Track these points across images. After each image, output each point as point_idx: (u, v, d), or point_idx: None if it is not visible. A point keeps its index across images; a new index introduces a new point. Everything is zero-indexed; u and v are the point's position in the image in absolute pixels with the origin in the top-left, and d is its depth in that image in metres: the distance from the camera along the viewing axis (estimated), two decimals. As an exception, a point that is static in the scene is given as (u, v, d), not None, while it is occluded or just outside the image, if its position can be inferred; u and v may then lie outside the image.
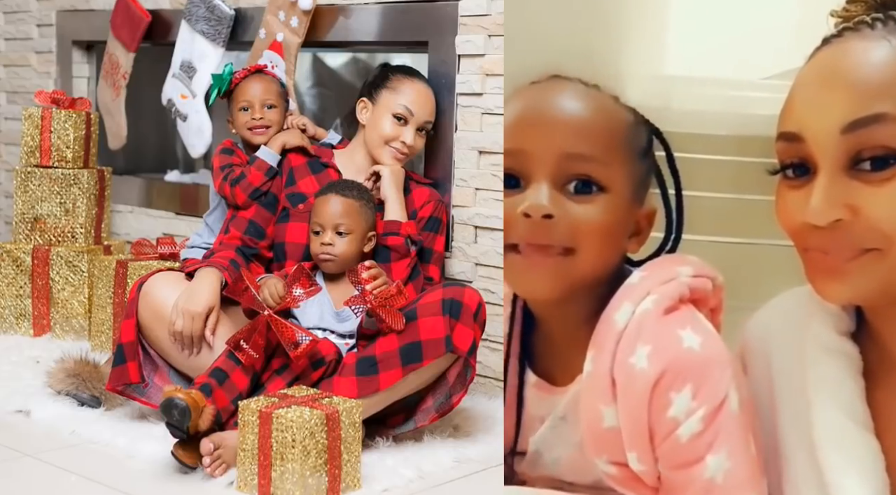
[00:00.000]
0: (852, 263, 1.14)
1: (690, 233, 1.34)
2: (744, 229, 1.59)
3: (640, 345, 1.19)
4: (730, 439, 1.18)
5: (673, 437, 1.18)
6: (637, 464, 1.23)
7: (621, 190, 1.23)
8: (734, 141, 1.55)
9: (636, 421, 1.19)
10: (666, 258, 1.32)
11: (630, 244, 1.29)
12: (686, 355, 1.18)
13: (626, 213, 1.25)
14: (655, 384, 1.18)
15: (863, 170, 1.11)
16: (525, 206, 1.19)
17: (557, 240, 1.20)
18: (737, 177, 1.69)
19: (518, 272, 1.24)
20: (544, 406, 1.35)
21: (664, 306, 1.21)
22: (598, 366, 1.22)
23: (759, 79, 1.79)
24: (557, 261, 1.20)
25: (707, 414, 1.17)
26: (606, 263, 1.26)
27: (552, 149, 1.19)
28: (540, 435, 1.36)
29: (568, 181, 1.20)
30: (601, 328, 1.23)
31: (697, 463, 1.18)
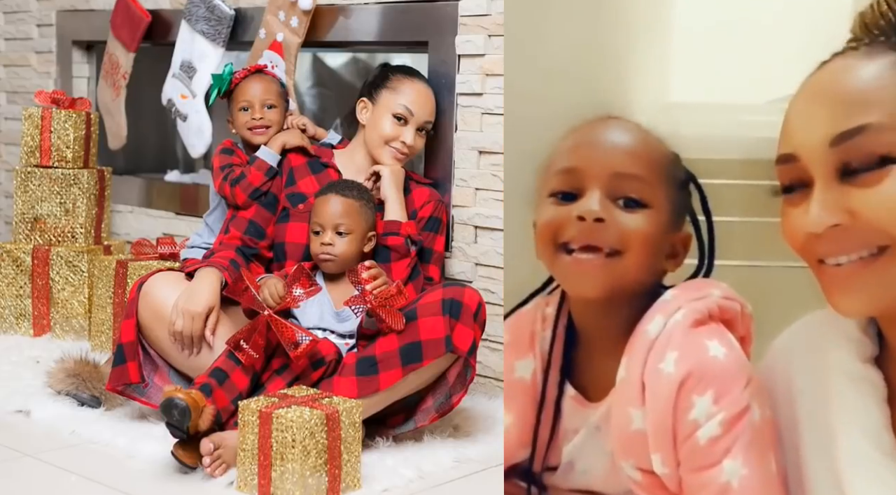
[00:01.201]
0: (866, 271, 1.16)
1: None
2: (755, 252, 1.61)
3: (668, 352, 1.27)
4: (749, 448, 1.23)
5: (693, 439, 1.24)
6: (661, 467, 1.27)
7: (662, 209, 1.36)
8: (742, 164, 1.57)
9: (661, 422, 1.26)
10: (698, 280, 1.43)
11: (668, 264, 1.41)
12: (711, 362, 1.26)
13: (665, 230, 1.38)
14: (680, 386, 1.25)
15: (854, 176, 1.15)
16: (580, 210, 1.34)
17: (606, 242, 1.33)
18: (747, 200, 1.72)
19: (569, 272, 1.36)
20: (579, 418, 1.43)
21: (693, 319, 1.30)
22: (631, 372, 1.30)
23: (764, 102, 1.80)
24: (606, 262, 1.33)
25: (726, 419, 1.23)
26: (648, 271, 1.37)
27: (605, 169, 1.35)
28: (574, 445, 1.43)
29: (617, 197, 1.34)
30: (635, 338, 1.32)
31: (714, 467, 1.23)
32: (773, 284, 1.46)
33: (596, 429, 1.41)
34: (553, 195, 1.38)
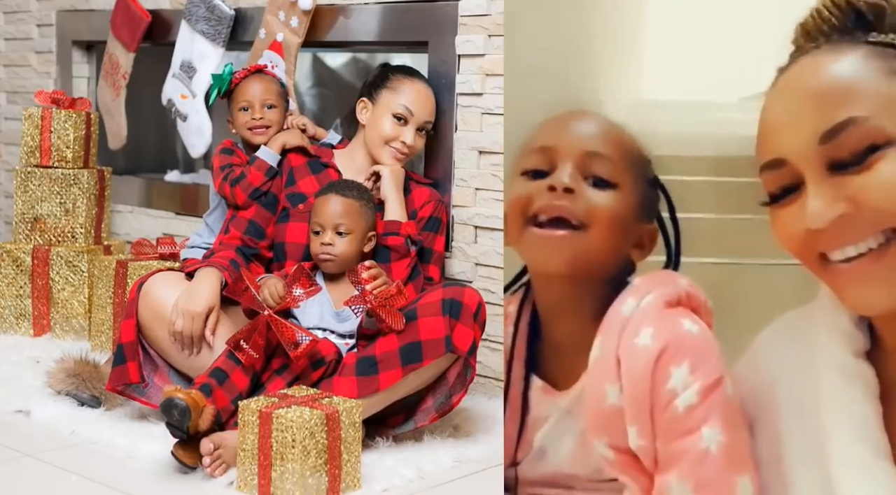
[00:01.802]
0: (879, 263, 1.15)
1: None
2: (728, 249, 1.62)
3: (643, 328, 1.30)
4: (725, 417, 1.26)
5: (671, 408, 1.26)
6: (637, 440, 1.29)
7: (629, 192, 1.41)
8: (714, 162, 1.59)
9: (638, 394, 1.28)
10: (664, 271, 1.47)
11: (634, 253, 1.45)
12: (686, 335, 1.30)
13: (631, 214, 1.42)
14: (657, 358, 1.28)
15: (847, 166, 1.16)
16: (550, 180, 1.39)
17: (574, 214, 1.37)
18: (718, 197, 1.74)
19: (536, 245, 1.40)
20: (548, 406, 1.45)
21: (664, 300, 1.33)
22: (605, 350, 1.33)
23: (736, 100, 1.81)
24: (572, 235, 1.37)
25: (703, 388, 1.26)
26: (612, 250, 1.41)
27: (577, 147, 1.41)
28: (545, 431, 1.45)
29: (587, 175, 1.40)
30: (608, 319, 1.35)
31: (693, 434, 1.25)
32: (744, 281, 1.47)
33: (567, 413, 1.43)
34: (525, 173, 1.43)
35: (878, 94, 1.16)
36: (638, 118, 1.53)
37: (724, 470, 1.24)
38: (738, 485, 1.24)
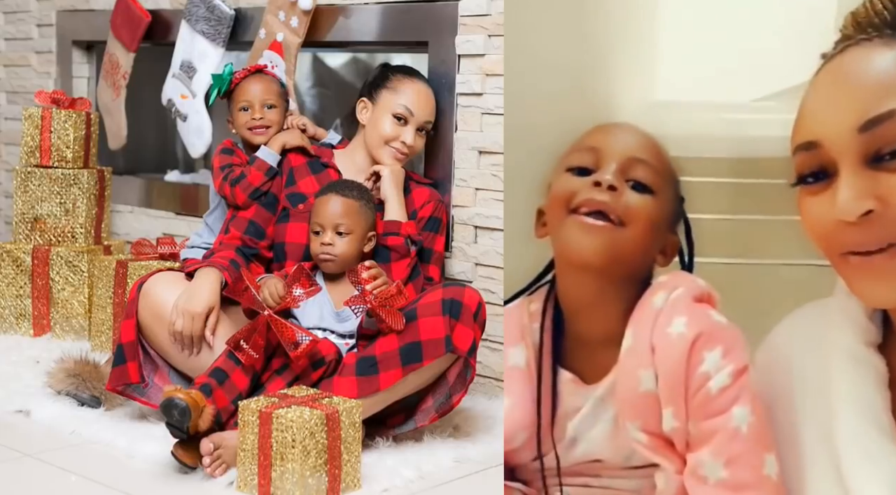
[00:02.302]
0: (893, 260, 1.17)
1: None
2: (743, 250, 1.63)
3: (676, 318, 1.37)
4: (752, 399, 1.34)
5: (704, 389, 1.34)
6: (671, 421, 1.36)
7: (664, 201, 1.47)
8: (729, 163, 1.60)
9: (674, 378, 1.35)
10: (683, 272, 1.54)
11: (659, 258, 1.51)
12: (717, 324, 1.38)
13: (664, 222, 1.49)
14: (692, 344, 1.35)
15: (883, 162, 1.16)
16: (596, 176, 1.44)
17: (615, 210, 1.42)
18: (734, 198, 1.75)
19: (576, 232, 1.44)
20: (580, 397, 1.50)
21: (693, 295, 1.40)
22: (638, 339, 1.39)
23: (749, 101, 1.82)
24: (611, 229, 1.42)
25: (734, 371, 1.34)
26: (645, 251, 1.47)
27: (622, 151, 1.46)
28: (578, 419, 1.50)
29: (629, 178, 1.45)
30: (639, 310, 1.42)
31: (724, 413, 1.33)
32: (752, 282, 1.50)
33: (600, 401, 1.48)
34: (571, 169, 1.49)
35: None
36: (649, 117, 1.58)
37: (753, 446, 1.32)
38: (766, 461, 1.32)
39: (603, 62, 1.82)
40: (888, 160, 1.16)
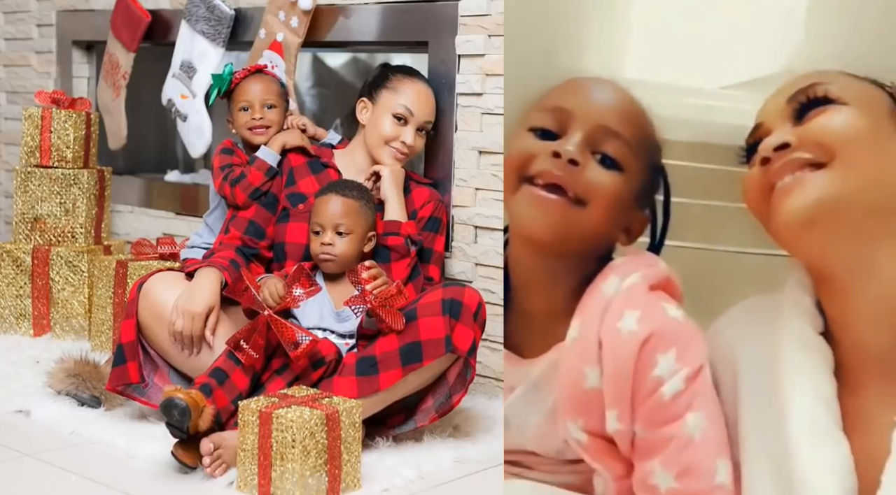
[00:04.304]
0: (807, 178, 1.23)
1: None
2: (703, 235, 1.62)
3: (628, 311, 1.29)
4: (706, 404, 1.28)
5: (657, 395, 1.27)
6: (616, 423, 1.29)
7: (634, 178, 1.36)
8: (691, 147, 1.59)
9: (621, 379, 1.28)
10: (645, 252, 1.43)
11: (622, 236, 1.40)
12: (672, 323, 1.29)
13: (631, 201, 1.37)
14: (643, 345, 1.27)
15: (802, 119, 1.26)
16: (557, 146, 1.32)
17: (573, 187, 1.32)
18: (694, 183, 1.74)
19: (528, 205, 1.34)
20: (516, 375, 1.41)
21: (649, 283, 1.32)
22: (585, 331, 1.30)
23: (716, 88, 1.81)
24: (568, 206, 1.32)
25: (688, 375, 1.27)
26: (604, 232, 1.37)
27: (592, 118, 1.34)
28: (510, 403, 1.42)
29: (596, 151, 1.34)
30: (588, 297, 1.32)
31: (678, 420, 1.27)
32: (711, 268, 1.50)
33: (535, 386, 1.39)
34: (533, 130, 1.37)
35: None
36: None
37: (706, 455, 1.27)
38: (718, 468, 1.27)
39: (574, 35, 1.79)
40: (807, 114, 1.26)
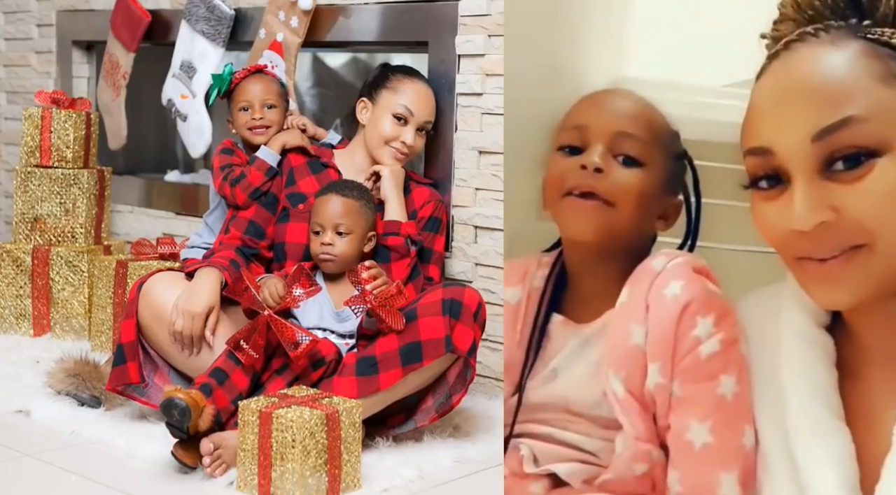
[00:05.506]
0: (846, 266, 1.18)
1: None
2: (705, 233, 1.63)
3: (673, 281, 1.39)
4: (741, 372, 1.36)
5: (695, 353, 1.36)
6: (657, 376, 1.37)
7: (656, 170, 1.49)
8: (692, 146, 1.60)
9: (664, 335, 1.37)
10: (684, 251, 1.56)
11: (658, 224, 1.55)
12: (711, 293, 1.40)
13: (657, 191, 1.51)
14: (685, 307, 1.37)
15: (837, 171, 1.16)
16: (582, 160, 1.48)
17: (602, 191, 1.47)
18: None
19: (569, 213, 1.49)
20: (568, 336, 1.53)
21: (693, 265, 1.42)
22: (634, 296, 1.42)
23: (720, 86, 1.81)
24: (601, 209, 1.47)
25: (724, 339, 1.36)
26: (637, 225, 1.50)
27: (608, 127, 1.49)
28: (561, 356, 1.52)
29: (617, 154, 1.48)
30: (639, 271, 1.44)
31: (712, 380, 1.35)
32: (714, 266, 1.51)
33: (586, 342, 1.51)
34: (561, 148, 1.53)
35: (872, 96, 1.15)
36: None
37: (736, 416, 1.34)
38: (745, 432, 1.34)
39: (574, 36, 1.81)
40: (841, 169, 1.15)
